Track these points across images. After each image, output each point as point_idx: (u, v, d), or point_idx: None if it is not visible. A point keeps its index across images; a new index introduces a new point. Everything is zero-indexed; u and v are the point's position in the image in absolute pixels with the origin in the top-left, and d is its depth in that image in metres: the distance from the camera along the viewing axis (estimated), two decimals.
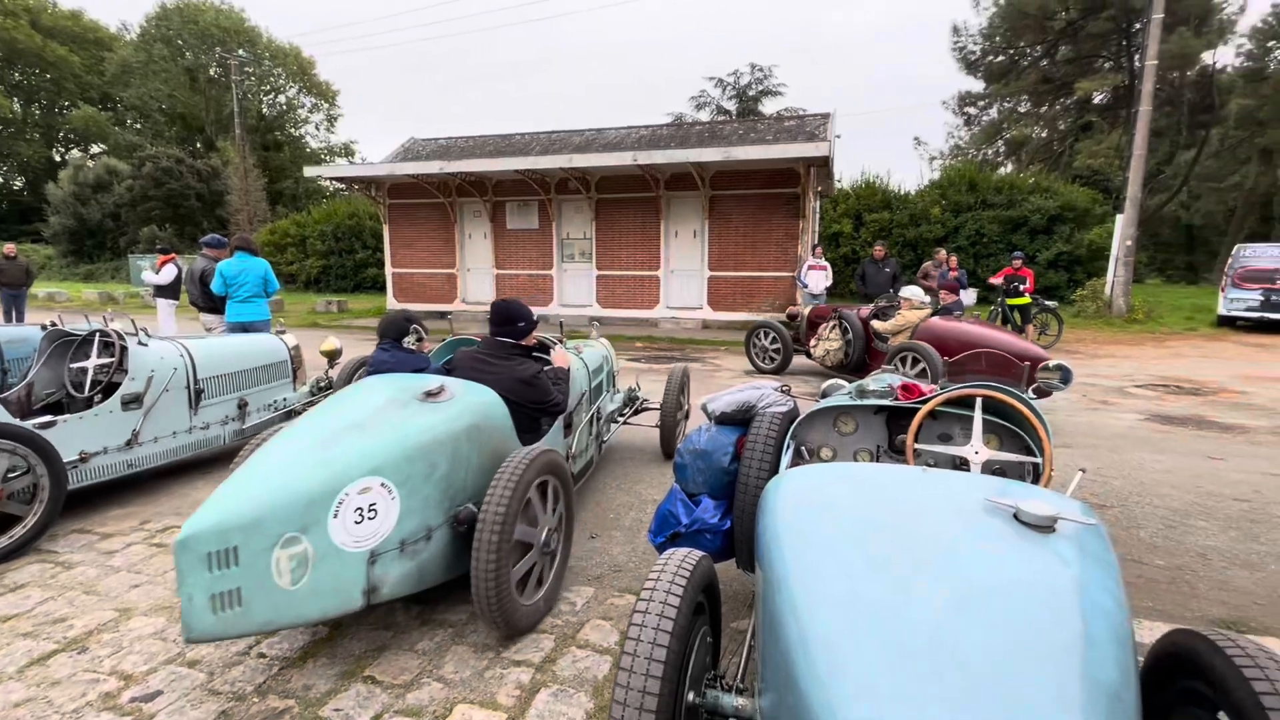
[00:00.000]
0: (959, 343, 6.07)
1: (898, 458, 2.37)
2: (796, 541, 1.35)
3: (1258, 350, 11.18)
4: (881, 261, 10.50)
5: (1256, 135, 25.74)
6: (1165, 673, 1.46)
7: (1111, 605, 1.15)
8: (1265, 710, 1.13)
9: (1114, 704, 0.94)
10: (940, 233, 18.61)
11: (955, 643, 1.02)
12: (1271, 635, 2.54)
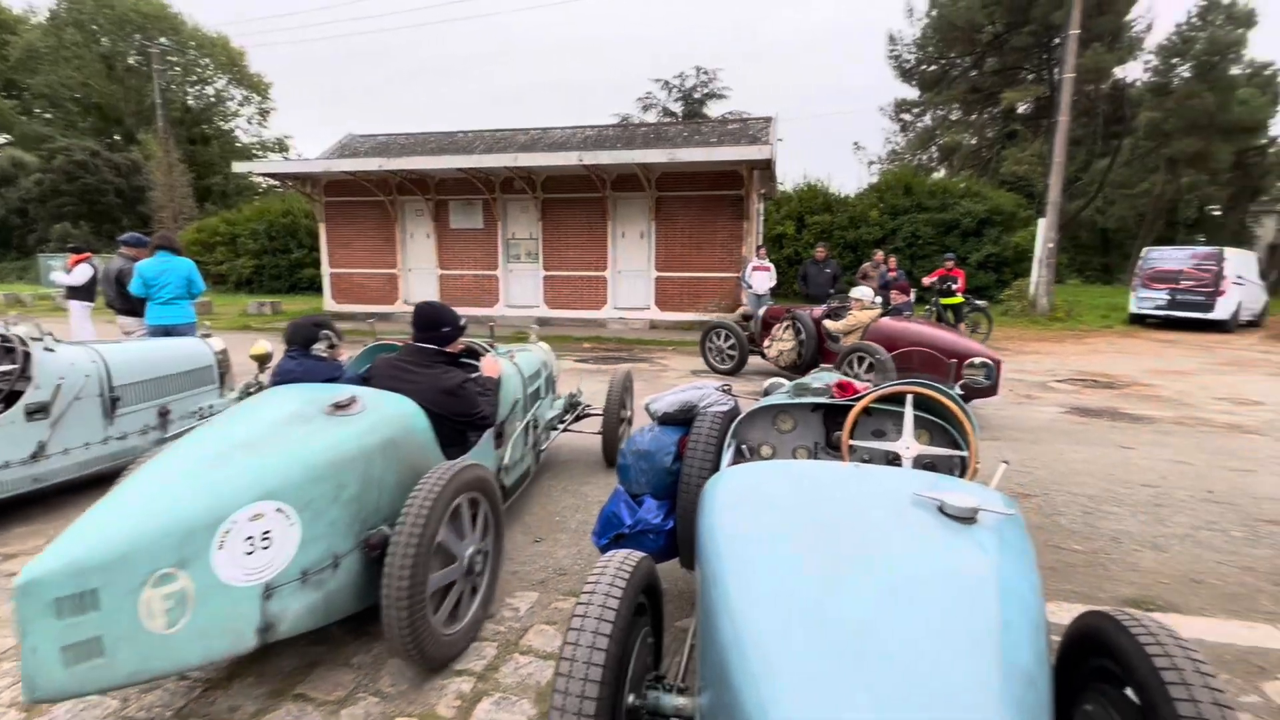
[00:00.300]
0: (908, 343, 6.15)
1: (834, 454, 2.43)
2: (731, 539, 1.37)
3: (1165, 346, 12.01)
4: (822, 263, 10.78)
5: (1163, 146, 27.65)
6: (1079, 652, 1.54)
7: (1027, 591, 1.21)
8: (1165, 684, 1.21)
9: (1027, 687, 0.99)
10: (878, 235, 19.26)
11: (882, 634, 1.05)
12: (1175, 612, 2.73)
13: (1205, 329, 14.27)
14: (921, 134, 33.13)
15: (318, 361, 2.97)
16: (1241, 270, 14.66)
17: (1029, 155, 27.57)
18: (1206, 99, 25.40)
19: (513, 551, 3.22)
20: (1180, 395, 7.39)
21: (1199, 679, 1.19)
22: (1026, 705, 0.95)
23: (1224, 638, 2.52)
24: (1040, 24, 25.30)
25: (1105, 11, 24.18)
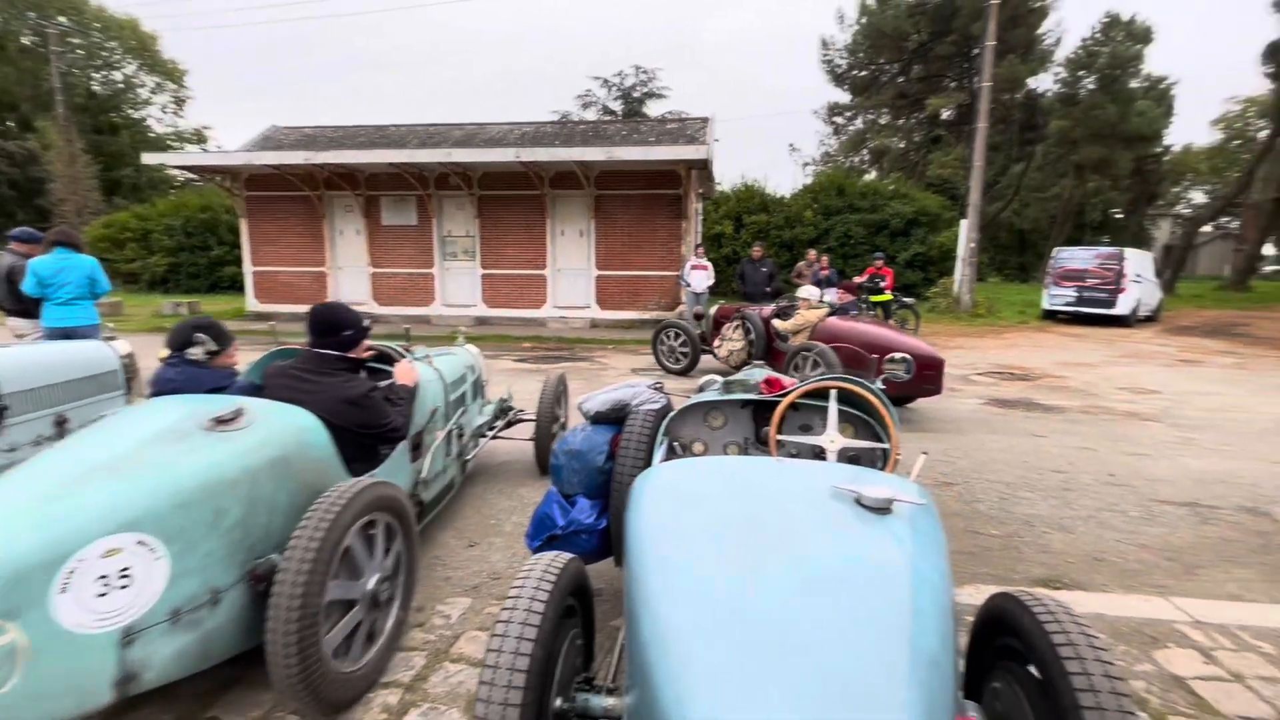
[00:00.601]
0: (855, 342, 6.14)
1: (764, 449, 2.48)
2: (655, 536, 1.37)
3: (1073, 339, 12.83)
4: (759, 261, 10.99)
5: (1071, 153, 29.52)
6: (988, 632, 1.62)
7: (936, 578, 1.26)
8: (1061, 659, 1.28)
9: (932, 669, 1.03)
10: (813, 234, 19.80)
11: (798, 627, 1.07)
12: (1080, 589, 2.91)
13: (1108, 324, 15.33)
14: (853, 137, 34.28)
15: (200, 370, 2.61)
16: (1140, 269, 15.81)
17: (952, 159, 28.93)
18: (1109, 109, 27.26)
19: (446, 556, 3.15)
20: (1086, 386, 7.91)
21: (1092, 653, 1.27)
22: (931, 688, 0.99)
23: (1122, 611, 2.70)
24: (961, 34, 26.59)
25: (1019, 25, 25.62)
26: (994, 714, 1.48)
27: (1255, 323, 16.48)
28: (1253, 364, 10.11)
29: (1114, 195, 33.91)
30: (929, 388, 5.73)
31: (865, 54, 30.47)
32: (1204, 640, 2.48)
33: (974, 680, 1.69)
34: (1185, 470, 4.64)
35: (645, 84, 33.20)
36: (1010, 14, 22.59)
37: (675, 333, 8.39)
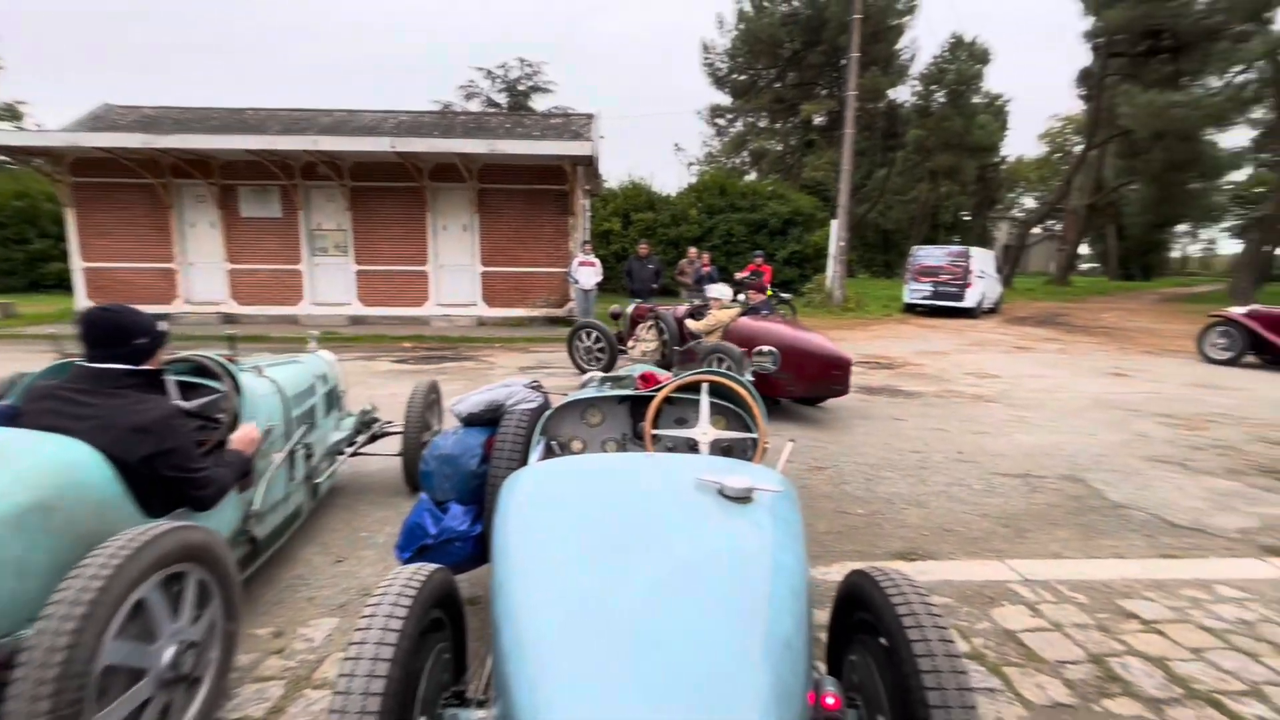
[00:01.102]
0: (765, 342, 5.79)
1: (641, 444, 2.50)
2: (518, 540, 1.33)
3: (929, 330, 14.07)
4: (645, 259, 11.15)
5: (926, 160, 32.36)
6: (847, 608, 1.72)
7: (792, 563, 1.31)
8: (904, 629, 1.38)
9: (785, 653, 1.06)
10: (697, 232, 20.37)
11: (657, 624, 1.07)
12: (932, 559, 3.18)
13: (958, 315, 16.98)
14: (734, 138, 35.59)
15: None
16: (984, 266, 17.62)
17: (824, 163, 30.78)
18: (956, 122, 30.12)
19: (309, 575, 2.92)
20: (940, 372, 8.69)
21: (930, 620, 1.37)
22: (783, 672, 1.02)
23: (967, 576, 2.98)
24: (830, 45, 28.32)
25: (880, 40, 27.67)
26: (851, 686, 1.56)
27: (1074, 313, 18.87)
28: (1073, 349, 11.56)
29: (962, 199, 37.58)
30: (837, 388, 5.73)
31: (744, 59, 31.72)
32: (1031, 596, 2.79)
33: (835, 655, 1.78)
34: (1018, 445, 5.21)
35: (530, 77, 32.67)
36: (872, 29, 24.35)
37: (592, 333, 8.13)
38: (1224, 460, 4.89)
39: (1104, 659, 2.34)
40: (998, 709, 2.05)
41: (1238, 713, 2.06)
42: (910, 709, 1.28)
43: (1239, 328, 9.84)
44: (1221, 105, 22.91)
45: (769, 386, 5.55)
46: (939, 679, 1.26)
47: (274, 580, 2.85)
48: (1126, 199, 38.02)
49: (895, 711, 1.35)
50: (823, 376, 5.66)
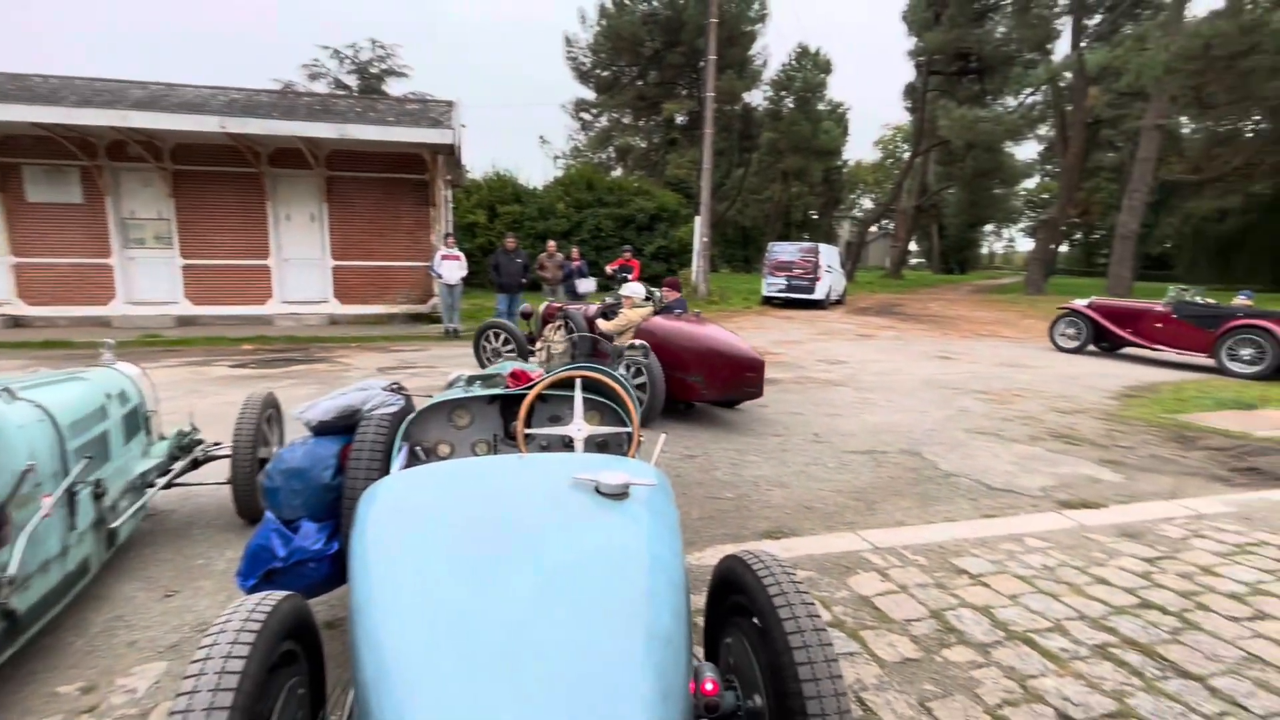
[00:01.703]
0: (680, 343, 5.65)
1: (513, 445, 2.42)
2: (378, 557, 1.22)
3: (785, 321, 15.03)
4: (513, 253, 10.90)
5: (778, 161, 34.44)
6: (722, 592, 1.76)
7: (669, 555, 1.32)
8: (775, 608, 1.43)
9: (667, 648, 1.06)
10: (566, 226, 20.25)
11: (534, 632, 1.02)
12: (795, 536, 3.38)
13: (810, 307, 18.31)
14: (600, 134, 35.76)
15: None
16: (830, 261, 19.12)
17: (687, 161, 31.80)
18: (804, 126, 32.30)
19: (131, 615, 2.54)
20: (796, 360, 9.30)
21: (798, 598, 1.43)
22: (666, 668, 1.02)
23: (826, 549, 3.20)
24: (689, 47, 29.21)
25: (735, 45, 28.98)
26: (728, 668, 1.61)
27: (907, 303, 21.01)
28: (907, 336, 12.86)
29: (810, 199, 40.50)
30: (750, 390, 5.51)
31: (607, 55, 31.91)
32: (881, 562, 3.05)
33: (712, 639, 1.83)
34: (865, 425, 5.70)
35: (384, 59, 30.69)
36: (727, 34, 25.47)
37: (499, 333, 7.61)
38: (1027, 429, 5.66)
39: (942, 613, 2.61)
40: (856, 671, 2.22)
41: (1045, 647, 2.38)
42: (783, 684, 1.34)
43: (1083, 319, 10.62)
44: (1016, 122, 26.50)
45: (682, 390, 5.50)
46: (808, 653, 1.32)
47: (83, 626, 2.45)
48: (946, 201, 42.99)
49: (769, 688, 1.41)
50: (736, 379, 5.44)
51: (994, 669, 2.25)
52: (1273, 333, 8.51)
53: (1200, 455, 5.03)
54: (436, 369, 7.88)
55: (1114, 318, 10.37)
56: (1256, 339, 8.65)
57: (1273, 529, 3.55)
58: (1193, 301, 9.67)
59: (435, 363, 8.37)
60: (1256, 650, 2.39)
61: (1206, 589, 2.85)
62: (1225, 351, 8.93)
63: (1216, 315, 9.25)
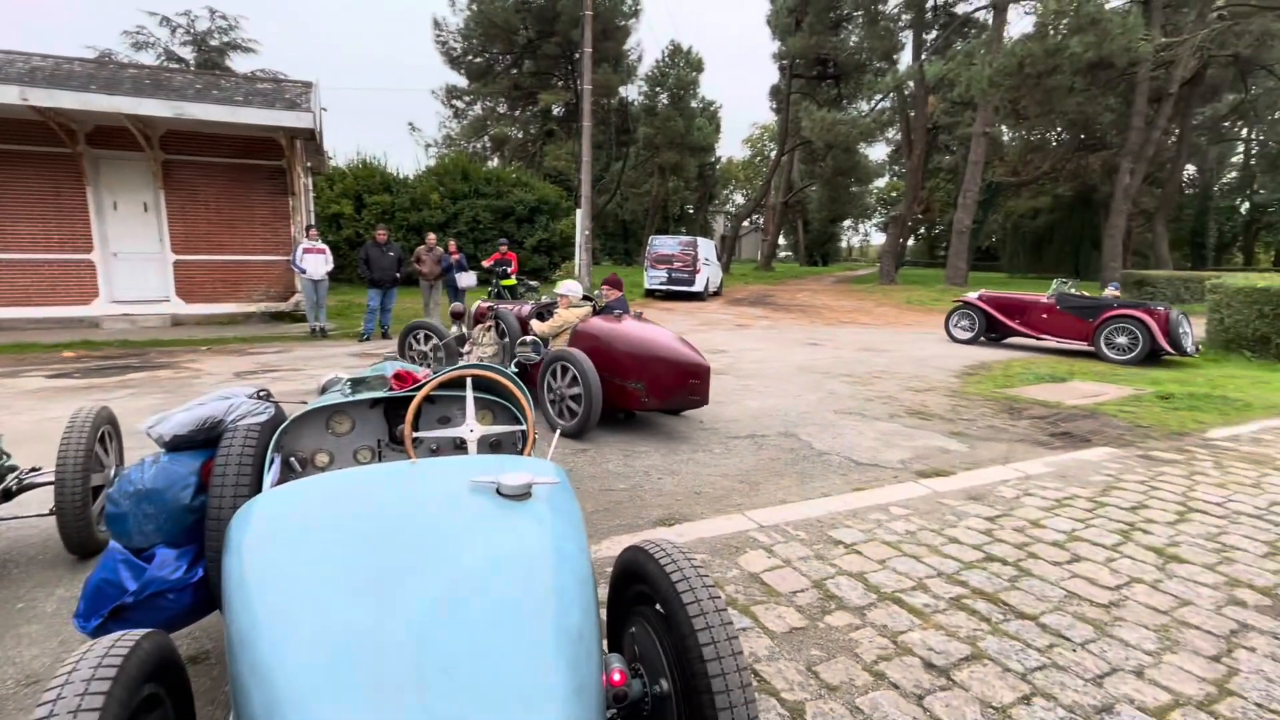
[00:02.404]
0: (620, 347, 5.12)
1: (400, 450, 2.30)
2: (260, 581, 1.13)
3: (668, 313, 15.40)
4: (385, 245, 10.31)
5: (655, 156, 35.03)
6: (624, 582, 1.79)
7: (574, 551, 1.32)
8: (679, 593, 1.48)
9: (578, 644, 1.07)
10: (441, 218, 19.45)
11: (442, 645, 0.99)
12: (688, 521, 3.49)
13: (690, 299, 18.89)
14: (474, 122, 34.62)
15: None
16: (708, 254, 19.82)
17: (565, 153, 31.56)
18: (678, 122, 33.06)
19: None
20: None
21: (700, 581, 1.49)
22: (579, 663, 1.02)
23: (716, 532, 3.34)
24: (564, 38, 28.96)
25: (610, 38, 29.08)
26: (633, 657, 1.64)
27: (778, 294, 22.23)
28: (779, 325, 13.63)
29: (687, 194, 41.61)
30: (695, 398, 5.09)
31: (478, 41, 30.90)
32: (766, 540, 3.24)
33: (616, 630, 1.86)
34: (746, 410, 5.99)
35: (226, 31, 27.76)
36: (602, 27, 25.48)
37: (426, 335, 6.97)
38: (887, 408, 6.20)
39: (823, 582, 2.81)
40: (750, 644, 2.34)
41: (911, 604, 2.64)
42: (689, 666, 1.39)
43: (976, 311, 11.03)
44: (869, 125, 28.73)
45: (621, 398, 5.06)
46: (711, 634, 1.38)
47: None
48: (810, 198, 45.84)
49: (675, 672, 1.46)
50: (680, 386, 4.97)
51: (869, 629, 2.46)
52: (1145, 322, 9.16)
53: (1026, 424, 5.76)
54: (304, 372, 7.31)
55: (1004, 309, 10.87)
56: (1131, 328, 9.31)
57: (1082, 484, 4.15)
58: (1073, 294, 10.37)
59: (302, 365, 7.76)
60: (1074, 589, 2.79)
61: (1035, 540, 3.29)
62: (1103, 340, 9.58)
63: (1095, 306, 9.89)
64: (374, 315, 10.18)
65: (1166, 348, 9.10)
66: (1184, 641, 2.42)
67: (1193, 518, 3.63)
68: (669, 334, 5.38)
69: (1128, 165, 22.00)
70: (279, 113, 10.98)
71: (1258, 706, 2.07)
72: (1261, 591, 2.80)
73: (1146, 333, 9.15)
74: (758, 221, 49.83)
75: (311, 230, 10.53)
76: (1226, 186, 37.28)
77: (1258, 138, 34.37)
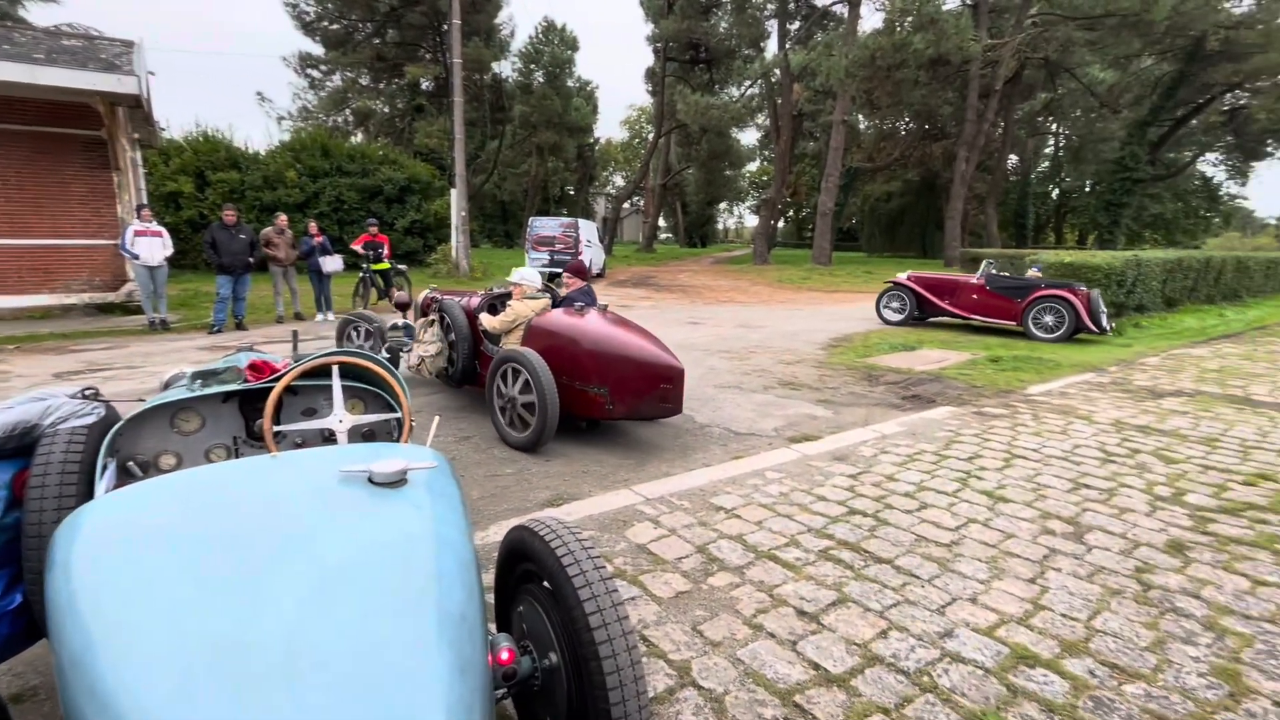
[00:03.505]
0: (582, 345, 4.41)
1: (259, 445, 2.14)
2: (94, 600, 1.01)
3: None
4: (234, 227, 9.35)
5: (532, 135, 34.33)
6: (511, 563, 1.79)
7: (456, 536, 1.30)
8: (564, 567, 1.51)
9: (461, 624, 1.06)
10: (300, 197, 17.98)
11: (316, 645, 0.94)
12: (576, 500, 3.52)
13: None
14: (333, 94, 32.11)
15: None
16: (590, 236, 19.79)
17: (437, 130, 30.05)
18: (555, 102, 32.58)
19: None
20: None
21: (584, 555, 1.52)
22: (462, 645, 1.02)
23: (604, 508, 3.40)
24: (431, 8, 27.45)
25: (480, 11, 27.95)
26: (522, 635, 1.65)
27: (659, 275, 22.68)
28: (661, 305, 13.92)
29: (567, 175, 41.21)
30: (667, 406, 4.33)
31: (335, 6, 28.59)
32: (652, 512, 3.34)
33: (505, 611, 1.86)
34: None
35: None
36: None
37: (362, 328, 6.13)
38: (761, 380, 6.56)
39: (705, 547, 2.95)
40: (639, 611, 2.42)
41: (785, 559, 2.84)
42: (577, 636, 1.42)
43: (907, 292, 10.93)
44: (740, 111, 29.80)
45: (582, 405, 4.36)
46: (597, 603, 1.42)
47: None
48: (687, 180, 46.94)
49: (564, 644, 1.49)
50: (649, 391, 4.27)
51: (749, 586, 2.62)
52: (1070, 301, 9.38)
53: (882, 389, 6.32)
54: (144, 369, 6.53)
55: (933, 290, 10.83)
56: (1057, 307, 9.51)
57: (929, 440, 4.64)
58: (1002, 275, 10.59)
59: (141, 361, 6.93)
60: (922, 533, 3.13)
61: (890, 492, 3.64)
62: (1031, 319, 9.74)
63: (1023, 287, 10.03)
64: (225, 304, 9.23)
65: (1091, 326, 9.35)
66: (1008, 569, 2.79)
67: (1016, 463, 4.17)
68: (638, 330, 4.68)
69: (964, 154, 24.44)
70: (93, 75, 9.56)
71: (1063, 616, 2.44)
72: (1066, 521, 3.29)
73: (1072, 312, 9.37)
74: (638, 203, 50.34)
75: (144, 210, 9.32)
76: (1041, 174, 42.47)
77: (1064, 132, 39.41)
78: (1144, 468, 4.10)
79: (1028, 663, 2.16)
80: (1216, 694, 2.03)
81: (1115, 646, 2.26)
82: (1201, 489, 3.75)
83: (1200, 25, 21.78)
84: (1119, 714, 1.93)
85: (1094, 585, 2.66)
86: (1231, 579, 2.74)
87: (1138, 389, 6.43)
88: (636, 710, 1.40)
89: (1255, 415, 5.43)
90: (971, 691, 2.01)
